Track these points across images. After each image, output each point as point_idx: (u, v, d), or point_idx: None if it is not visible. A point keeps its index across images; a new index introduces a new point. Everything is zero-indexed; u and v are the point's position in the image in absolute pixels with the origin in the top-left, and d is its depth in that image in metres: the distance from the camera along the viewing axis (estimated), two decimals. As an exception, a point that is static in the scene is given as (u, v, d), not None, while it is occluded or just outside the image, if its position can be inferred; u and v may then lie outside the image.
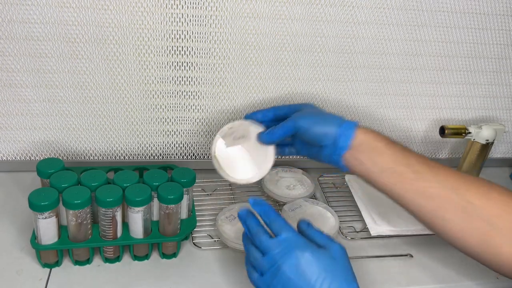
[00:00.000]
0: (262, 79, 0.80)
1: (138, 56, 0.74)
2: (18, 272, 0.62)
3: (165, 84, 0.77)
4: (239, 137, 0.69)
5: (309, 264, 0.51)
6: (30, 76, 0.73)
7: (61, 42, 0.71)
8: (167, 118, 0.81)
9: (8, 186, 0.78)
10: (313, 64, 0.80)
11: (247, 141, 0.69)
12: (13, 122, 0.77)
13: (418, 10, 0.78)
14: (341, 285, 0.50)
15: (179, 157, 0.86)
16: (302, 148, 0.69)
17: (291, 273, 0.50)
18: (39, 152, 0.81)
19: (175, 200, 0.64)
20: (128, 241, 0.64)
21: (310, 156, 0.68)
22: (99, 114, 0.78)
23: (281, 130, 0.64)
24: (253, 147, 0.68)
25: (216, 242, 0.71)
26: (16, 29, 0.68)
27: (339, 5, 0.75)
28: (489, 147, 0.85)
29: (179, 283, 0.64)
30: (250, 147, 0.69)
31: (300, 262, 0.51)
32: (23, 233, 0.68)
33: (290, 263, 0.51)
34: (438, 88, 0.89)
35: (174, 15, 0.71)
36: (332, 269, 0.51)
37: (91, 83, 0.75)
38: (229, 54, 0.76)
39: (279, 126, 0.64)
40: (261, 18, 0.74)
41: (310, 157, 0.68)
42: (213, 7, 0.72)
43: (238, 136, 0.69)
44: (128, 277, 0.64)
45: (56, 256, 0.63)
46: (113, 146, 0.82)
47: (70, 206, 0.59)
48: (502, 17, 0.82)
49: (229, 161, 0.68)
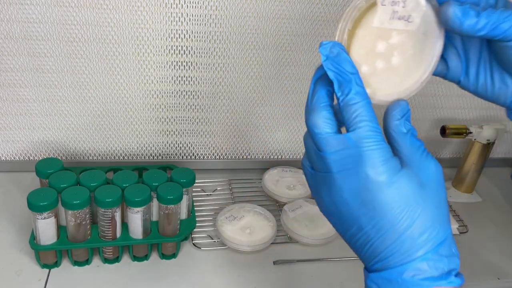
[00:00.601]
0: (262, 79, 0.80)
1: (138, 56, 0.74)
2: (17, 273, 0.62)
3: (165, 83, 0.77)
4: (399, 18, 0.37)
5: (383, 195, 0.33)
6: (29, 76, 0.73)
7: (60, 42, 0.70)
8: (167, 118, 0.81)
9: (7, 186, 0.78)
10: (313, 64, 0.80)
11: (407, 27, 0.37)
12: (12, 122, 0.77)
13: (419, 10, 0.78)
14: (426, 226, 0.33)
15: (178, 157, 0.86)
16: (483, 71, 0.39)
17: (348, 196, 0.34)
18: (38, 152, 0.81)
19: (175, 200, 0.63)
20: (128, 242, 0.64)
21: (481, 91, 0.41)
22: (98, 114, 0.78)
23: (496, 17, 0.32)
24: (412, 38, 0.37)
25: (215, 243, 0.71)
26: (15, 28, 0.68)
27: (339, 5, 0.75)
28: (490, 147, 0.85)
29: (179, 283, 0.64)
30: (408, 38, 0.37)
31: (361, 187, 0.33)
32: (22, 233, 0.68)
33: (349, 187, 0.34)
34: (438, 88, 0.88)
35: (174, 14, 0.71)
36: (417, 205, 0.33)
37: (91, 83, 0.75)
38: (229, 54, 0.76)
39: (496, 11, 0.33)
40: (261, 18, 0.74)
41: (478, 93, 0.41)
42: (213, 7, 0.71)
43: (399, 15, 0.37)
44: (127, 278, 0.63)
45: (55, 257, 0.63)
46: (112, 146, 0.82)
47: (69, 207, 0.59)
48: (503, 17, 0.82)
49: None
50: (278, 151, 0.90)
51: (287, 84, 0.81)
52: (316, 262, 0.70)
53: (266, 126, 0.86)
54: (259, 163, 0.89)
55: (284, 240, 0.73)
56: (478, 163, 0.87)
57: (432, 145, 0.97)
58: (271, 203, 0.81)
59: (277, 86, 0.81)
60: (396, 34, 0.38)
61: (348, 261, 0.70)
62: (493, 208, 0.88)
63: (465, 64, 0.40)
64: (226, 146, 0.87)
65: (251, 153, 0.89)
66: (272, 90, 0.82)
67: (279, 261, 0.69)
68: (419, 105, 0.90)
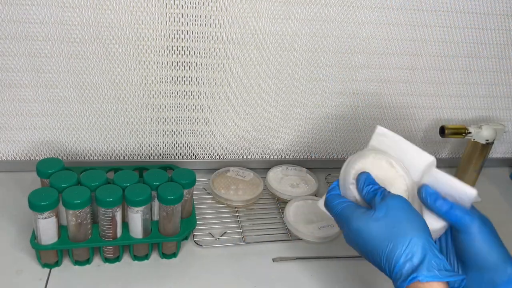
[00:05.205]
0: (262, 79, 0.80)
1: (138, 56, 0.74)
2: (18, 272, 0.62)
3: (165, 84, 0.77)
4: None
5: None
6: (30, 76, 0.73)
7: (60, 42, 0.70)
8: (167, 118, 0.81)
9: (8, 186, 0.78)
10: (313, 64, 0.80)
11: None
12: (13, 122, 0.77)
13: (418, 10, 0.78)
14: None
15: (179, 157, 0.86)
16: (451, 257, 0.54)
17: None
18: (39, 152, 0.81)
19: (175, 200, 0.63)
20: (128, 241, 0.64)
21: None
22: (99, 114, 0.78)
23: (448, 206, 0.52)
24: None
25: (217, 241, 0.71)
26: (15, 29, 0.68)
27: (339, 5, 0.75)
28: (489, 147, 0.85)
29: (179, 283, 0.64)
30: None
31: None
32: (23, 233, 0.68)
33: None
34: (438, 88, 0.88)
35: (174, 14, 0.71)
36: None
37: (91, 83, 0.75)
38: (229, 54, 0.76)
39: (451, 203, 0.52)
40: (261, 18, 0.74)
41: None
42: (213, 7, 0.71)
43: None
44: (128, 277, 0.64)
45: (56, 256, 0.63)
46: (113, 146, 0.82)
47: (70, 206, 0.59)
48: (502, 17, 0.82)
49: None
50: (278, 151, 0.90)
51: (287, 84, 0.82)
52: (316, 260, 0.70)
53: (266, 126, 0.86)
54: (259, 163, 0.89)
55: (285, 238, 0.73)
56: (477, 163, 0.87)
57: (431, 145, 0.97)
58: (274, 201, 0.81)
59: (277, 86, 0.82)
60: None
61: (348, 260, 0.70)
62: (492, 208, 0.88)
63: None
64: (226, 146, 0.87)
65: (251, 153, 0.89)
66: (272, 90, 0.82)
67: (277, 258, 0.69)
68: (419, 105, 0.90)
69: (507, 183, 0.99)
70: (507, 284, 0.49)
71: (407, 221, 0.48)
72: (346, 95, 0.85)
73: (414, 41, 0.81)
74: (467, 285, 0.51)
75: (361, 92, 0.86)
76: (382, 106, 0.88)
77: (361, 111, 0.88)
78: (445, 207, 0.52)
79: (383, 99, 0.87)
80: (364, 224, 0.50)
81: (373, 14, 0.77)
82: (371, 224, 0.49)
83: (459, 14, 0.80)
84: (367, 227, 0.49)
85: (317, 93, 0.84)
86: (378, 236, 0.48)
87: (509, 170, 1.03)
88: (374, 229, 0.49)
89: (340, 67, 0.81)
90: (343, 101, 0.86)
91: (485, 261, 0.50)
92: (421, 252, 0.46)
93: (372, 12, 0.77)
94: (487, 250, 0.50)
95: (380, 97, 0.87)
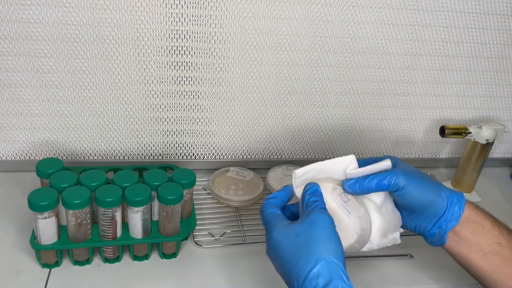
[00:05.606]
0: (262, 79, 0.80)
1: (138, 56, 0.74)
2: (17, 272, 0.62)
3: (165, 84, 0.77)
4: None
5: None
6: (29, 76, 0.73)
7: (60, 42, 0.70)
8: (167, 118, 0.81)
9: (7, 186, 0.78)
10: (313, 64, 0.80)
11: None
12: (13, 122, 0.77)
13: (418, 10, 0.78)
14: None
15: (179, 157, 0.86)
16: None
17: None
18: (38, 152, 0.81)
19: (175, 200, 0.63)
20: (128, 241, 0.64)
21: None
22: (98, 114, 0.78)
23: (375, 182, 0.55)
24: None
25: (217, 241, 0.71)
26: (15, 29, 0.68)
27: (339, 5, 0.75)
28: (489, 147, 0.85)
29: (179, 283, 0.64)
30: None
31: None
32: (23, 233, 0.68)
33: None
34: (438, 88, 0.89)
35: (174, 14, 0.71)
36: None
37: (91, 83, 0.75)
38: (229, 54, 0.76)
39: (373, 176, 0.56)
40: (261, 18, 0.74)
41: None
42: (213, 7, 0.71)
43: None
44: (128, 277, 0.64)
45: (56, 256, 0.63)
46: (112, 146, 0.82)
47: (70, 206, 0.59)
48: (502, 17, 0.82)
49: None
50: (278, 151, 0.90)
51: (287, 84, 0.82)
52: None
53: (266, 126, 0.86)
54: (259, 163, 0.89)
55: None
56: (477, 163, 0.87)
57: (431, 145, 0.97)
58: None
59: (277, 86, 0.82)
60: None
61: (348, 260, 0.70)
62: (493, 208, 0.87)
63: None
64: (226, 146, 0.87)
65: (251, 153, 0.89)
66: (272, 90, 0.82)
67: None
68: (419, 105, 0.90)
69: (507, 183, 0.99)
70: (449, 208, 0.56)
71: (322, 241, 0.49)
72: (346, 95, 0.85)
73: (414, 41, 0.81)
74: (420, 228, 0.59)
75: (361, 92, 0.86)
76: (382, 106, 0.88)
77: (361, 111, 0.88)
78: (374, 183, 0.55)
79: (383, 99, 0.87)
80: (282, 236, 0.51)
81: (373, 14, 0.77)
82: (289, 237, 0.50)
83: (459, 14, 0.80)
84: (285, 239, 0.50)
85: (317, 93, 0.84)
86: (291, 250, 0.49)
87: (509, 170, 1.03)
88: (290, 242, 0.50)
89: (340, 67, 0.81)
90: (343, 101, 0.86)
91: (424, 203, 0.56)
92: (327, 274, 0.47)
93: (372, 12, 0.77)
94: (420, 193, 0.56)
95: (380, 97, 0.87)
